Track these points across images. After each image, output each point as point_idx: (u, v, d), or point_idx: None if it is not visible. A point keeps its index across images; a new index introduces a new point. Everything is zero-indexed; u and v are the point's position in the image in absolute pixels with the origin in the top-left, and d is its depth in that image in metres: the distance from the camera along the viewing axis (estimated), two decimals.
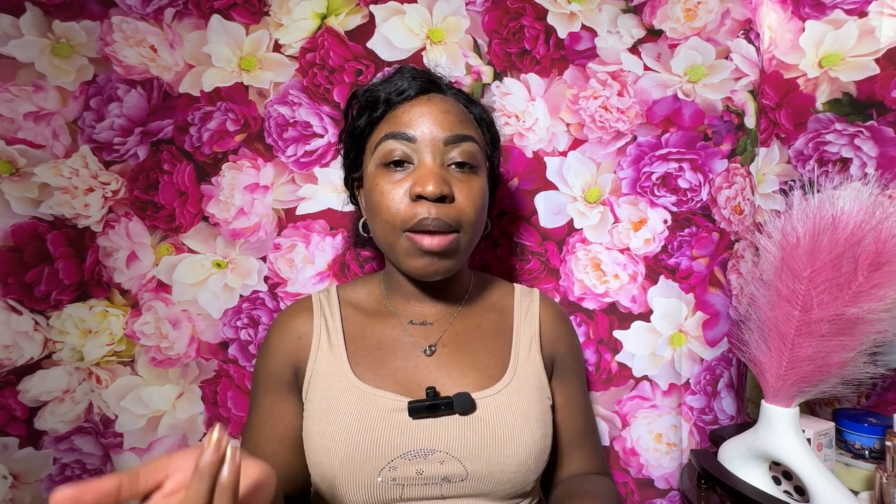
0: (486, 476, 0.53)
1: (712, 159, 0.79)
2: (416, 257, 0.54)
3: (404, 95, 0.57)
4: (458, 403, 0.53)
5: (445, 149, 0.55)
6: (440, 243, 0.53)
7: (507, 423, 0.55)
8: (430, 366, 0.58)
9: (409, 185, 0.53)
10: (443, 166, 0.55)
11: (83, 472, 0.74)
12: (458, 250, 0.56)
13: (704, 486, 0.68)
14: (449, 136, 0.55)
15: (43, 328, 0.72)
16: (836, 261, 0.56)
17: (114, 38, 0.74)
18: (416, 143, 0.54)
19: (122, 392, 0.75)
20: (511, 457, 0.53)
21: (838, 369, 0.59)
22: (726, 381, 0.81)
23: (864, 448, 0.70)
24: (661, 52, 0.79)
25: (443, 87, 0.61)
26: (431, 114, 0.55)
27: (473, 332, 0.62)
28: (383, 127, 0.57)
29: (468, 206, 0.55)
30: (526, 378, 0.59)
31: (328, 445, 0.53)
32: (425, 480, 0.52)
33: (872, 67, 0.77)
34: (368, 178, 0.57)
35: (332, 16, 0.78)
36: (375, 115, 0.58)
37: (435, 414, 0.53)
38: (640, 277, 0.80)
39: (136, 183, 0.76)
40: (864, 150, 0.78)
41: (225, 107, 0.77)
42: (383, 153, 0.55)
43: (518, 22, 0.80)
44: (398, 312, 0.62)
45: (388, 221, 0.54)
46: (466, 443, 0.53)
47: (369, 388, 0.55)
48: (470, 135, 0.56)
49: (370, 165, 0.57)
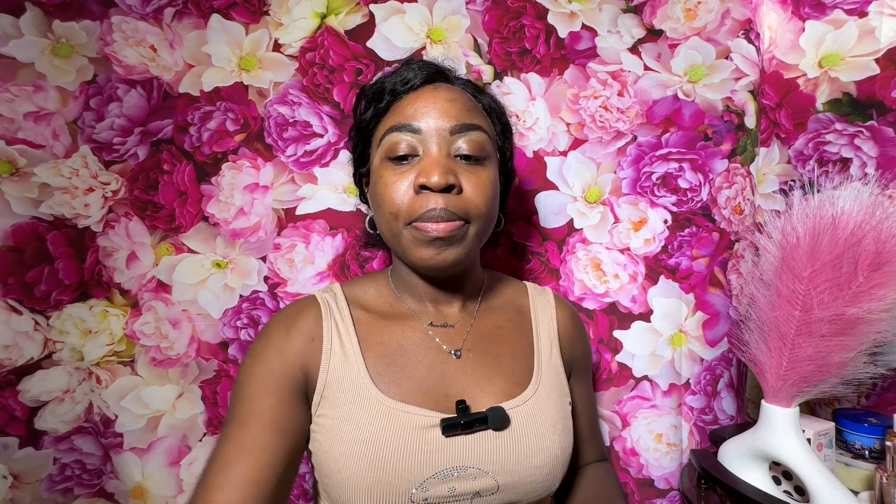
0: (516, 487, 0.52)
1: (712, 159, 0.79)
2: (422, 246, 0.51)
3: (409, 85, 0.55)
4: (494, 419, 0.51)
5: (452, 138, 0.52)
6: (446, 228, 0.50)
7: (537, 434, 0.53)
8: (457, 373, 0.55)
9: (414, 175, 0.51)
10: (449, 156, 0.52)
11: (83, 472, 0.74)
12: (466, 238, 0.53)
13: (704, 487, 0.68)
14: (455, 126, 0.52)
15: (43, 328, 0.72)
16: (836, 261, 0.56)
17: (114, 37, 0.74)
18: (421, 134, 0.52)
19: (122, 392, 0.75)
20: (541, 467, 0.53)
21: (838, 369, 0.58)
22: (726, 381, 0.81)
23: (864, 448, 0.70)
24: (661, 52, 0.79)
25: (450, 77, 0.59)
26: (437, 102, 0.53)
27: (495, 333, 0.60)
28: (388, 119, 0.55)
29: (477, 196, 0.52)
30: (550, 384, 0.58)
31: (353, 467, 0.48)
32: (457, 498, 0.50)
33: (872, 67, 0.77)
34: (374, 171, 0.56)
35: (331, 15, 0.78)
36: (381, 106, 0.56)
37: (470, 431, 0.51)
38: (640, 277, 0.80)
39: (135, 183, 0.76)
40: (864, 150, 0.78)
41: (225, 106, 0.77)
42: (388, 146, 0.53)
43: (518, 21, 0.79)
44: (417, 314, 0.59)
45: (391, 213, 0.52)
46: (499, 457, 0.51)
47: (396, 403, 0.51)
48: (478, 124, 0.54)
49: (376, 158, 0.55)
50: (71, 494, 0.74)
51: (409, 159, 0.53)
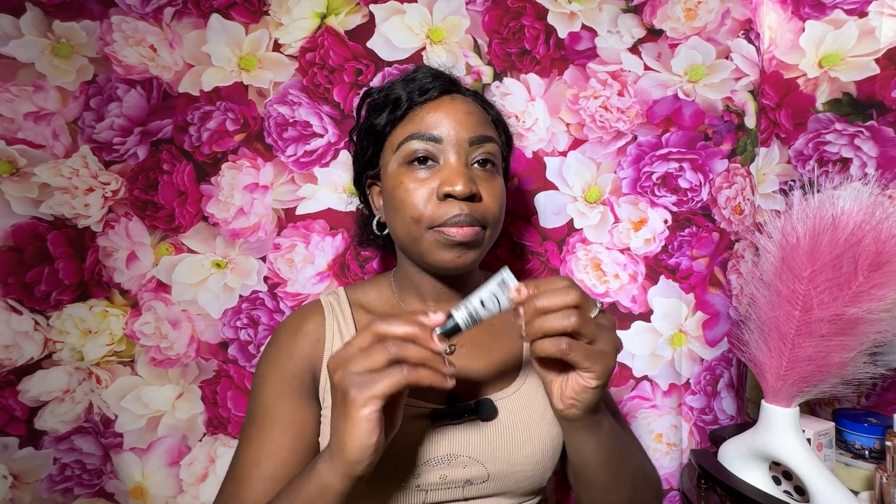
0: (506, 476, 0.54)
1: (712, 159, 0.79)
2: (444, 249, 0.54)
3: (427, 95, 0.57)
4: (482, 410, 0.54)
5: (470, 149, 0.56)
6: (467, 233, 0.53)
7: (526, 423, 0.56)
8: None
9: (437, 184, 0.54)
10: (468, 166, 0.56)
11: (83, 472, 0.74)
12: (482, 243, 0.56)
13: (704, 486, 0.68)
14: (473, 137, 0.55)
15: (43, 328, 0.72)
16: (836, 261, 0.56)
17: (113, 37, 0.74)
18: (441, 144, 0.55)
19: (121, 392, 0.75)
20: (530, 456, 0.55)
21: (838, 369, 0.58)
22: (726, 381, 0.81)
23: (864, 448, 0.70)
24: (661, 52, 0.79)
25: (462, 88, 0.61)
26: (456, 115, 0.56)
27: (487, 330, 0.62)
28: (407, 126, 0.57)
29: (493, 204, 0.56)
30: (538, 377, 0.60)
31: None
32: (448, 485, 0.53)
33: (872, 67, 0.77)
34: (390, 176, 0.57)
35: (331, 15, 0.78)
36: (398, 113, 0.58)
37: (459, 421, 0.54)
38: (640, 277, 0.80)
39: (135, 183, 0.76)
40: (864, 150, 0.78)
41: (224, 106, 0.77)
42: (408, 152, 0.55)
43: (518, 22, 0.79)
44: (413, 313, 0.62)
45: (413, 218, 0.54)
46: (488, 445, 0.54)
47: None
48: (491, 136, 0.58)
49: (392, 164, 0.57)
50: (71, 494, 0.74)
51: (428, 164, 0.55)
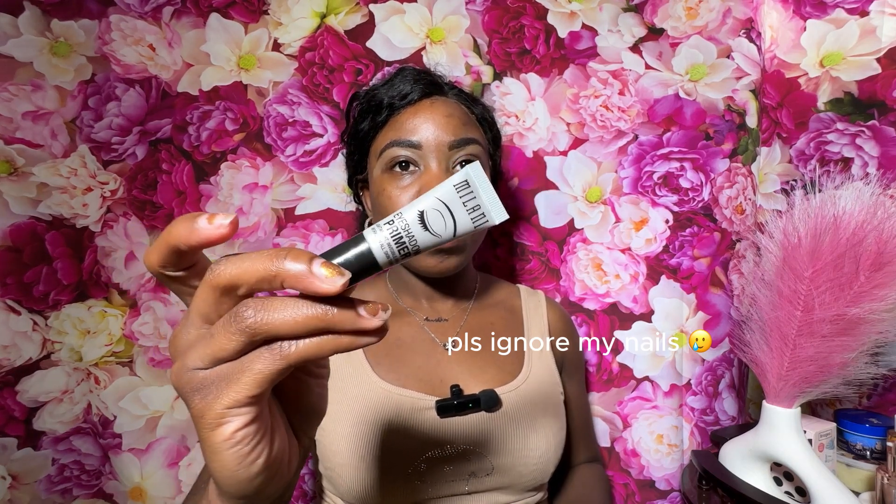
0: (510, 469, 0.55)
1: (714, 159, 0.78)
2: (427, 256, 0.55)
3: (407, 100, 0.57)
4: (486, 401, 0.55)
5: (450, 153, 0.56)
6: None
7: (529, 417, 0.56)
8: (451, 362, 0.59)
9: (416, 189, 0.54)
10: (448, 171, 0.56)
11: (82, 473, 0.74)
12: (464, 248, 0.57)
13: (705, 487, 0.68)
14: (453, 141, 0.55)
15: (41, 328, 0.72)
16: (837, 261, 0.56)
17: (112, 36, 0.73)
18: (421, 150, 0.55)
19: (120, 393, 0.75)
20: (534, 449, 0.55)
21: (840, 370, 0.58)
22: (727, 381, 0.80)
23: (865, 449, 0.70)
24: (662, 51, 0.79)
25: (444, 89, 0.61)
26: (435, 119, 0.56)
27: (487, 328, 0.63)
28: (388, 133, 0.57)
29: None
30: (541, 373, 0.61)
31: (354, 448, 0.52)
32: (453, 477, 0.54)
33: (874, 67, 0.76)
34: (375, 182, 0.58)
35: (331, 15, 0.78)
36: (379, 119, 0.58)
37: (463, 412, 0.54)
38: (641, 277, 0.80)
39: (134, 182, 0.75)
40: (865, 150, 0.78)
41: (224, 106, 0.77)
42: (389, 159, 0.56)
43: (518, 21, 0.79)
44: (412, 310, 0.63)
45: None
46: (492, 438, 0.54)
47: (394, 387, 0.55)
48: (474, 137, 0.57)
49: (376, 170, 0.58)
50: (70, 495, 0.73)
51: (410, 169, 0.56)
